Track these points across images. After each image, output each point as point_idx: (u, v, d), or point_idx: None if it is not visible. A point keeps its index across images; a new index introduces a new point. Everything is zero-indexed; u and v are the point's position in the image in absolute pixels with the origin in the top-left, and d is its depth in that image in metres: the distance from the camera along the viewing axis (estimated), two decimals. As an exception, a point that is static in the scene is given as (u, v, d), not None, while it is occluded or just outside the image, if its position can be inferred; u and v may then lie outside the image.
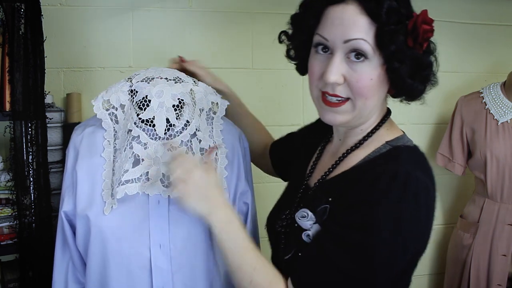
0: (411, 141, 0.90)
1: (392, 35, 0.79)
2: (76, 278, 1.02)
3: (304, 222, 0.88)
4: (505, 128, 1.86)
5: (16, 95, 1.37)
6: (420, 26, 0.80)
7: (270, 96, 1.95)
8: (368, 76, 0.82)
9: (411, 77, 0.84)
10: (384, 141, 0.89)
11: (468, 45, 2.16)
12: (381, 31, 0.80)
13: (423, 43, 0.81)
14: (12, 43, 1.36)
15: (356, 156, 0.90)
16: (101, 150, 0.99)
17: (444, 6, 2.08)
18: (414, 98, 0.89)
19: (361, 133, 0.92)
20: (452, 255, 1.99)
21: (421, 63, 0.83)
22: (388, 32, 0.79)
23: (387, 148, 0.87)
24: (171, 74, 1.02)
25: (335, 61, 0.82)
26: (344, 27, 0.81)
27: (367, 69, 0.82)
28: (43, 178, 1.41)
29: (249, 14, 1.90)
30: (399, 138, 0.90)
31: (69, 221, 0.99)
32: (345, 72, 0.82)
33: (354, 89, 0.83)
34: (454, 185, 2.27)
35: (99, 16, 1.75)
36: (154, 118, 0.97)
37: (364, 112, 0.87)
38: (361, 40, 0.80)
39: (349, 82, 0.83)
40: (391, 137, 0.90)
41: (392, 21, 0.80)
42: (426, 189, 0.80)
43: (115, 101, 1.00)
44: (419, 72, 0.84)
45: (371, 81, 0.82)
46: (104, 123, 0.99)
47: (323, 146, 1.02)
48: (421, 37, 0.80)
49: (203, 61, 1.86)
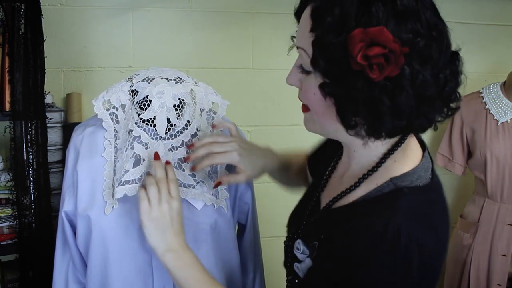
0: (426, 177, 0.74)
1: (325, 50, 0.64)
2: (77, 278, 1.02)
3: (298, 254, 0.84)
4: (505, 128, 1.86)
5: (16, 95, 1.37)
6: (356, 45, 0.61)
7: (270, 96, 1.96)
8: (311, 90, 0.71)
9: (353, 112, 0.66)
10: (389, 178, 0.73)
11: (468, 45, 2.16)
12: (316, 41, 0.65)
13: (374, 70, 0.61)
14: (12, 43, 1.36)
15: (359, 189, 0.77)
16: (102, 150, 0.99)
17: (444, 6, 2.08)
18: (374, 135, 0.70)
19: (365, 163, 0.77)
20: (452, 255, 1.99)
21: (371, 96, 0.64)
22: (321, 44, 0.65)
23: (390, 187, 0.72)
24: (171, 74, 1.01)
25: (293, 66, 0.75)
26: (298, 32, 0.72)
27: (310, 82, 0.71)
28: (43, 178, 1.41)
29: (249, 14, 1.90)
30: (407, 174, 0.73)
31: (69, 221, 0.99)
32: (302, 78, 0.74)
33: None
34: (454, 185, 2.27)
35: (99, 16, 1.75)
36: (155, 118, 0.97)
37: (328, 131, 0.76)
38: (301, 49, 0.71)
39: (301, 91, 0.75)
40: (398, 173, 0.73)
41: (331, 28, 0.63)
42: (421, 247, 0.66)
43: (115, 101, 1.00)
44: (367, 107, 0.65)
45: (314, 96, 0.70)
46: (105, 123, 0.99)
47: (335, 161, 0.91)
48: (360, 59, 0.61)
49: (203, 61, 1.87)
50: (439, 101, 0.68)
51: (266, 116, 1.98)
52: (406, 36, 0.62)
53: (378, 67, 0.61)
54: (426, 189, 0.73)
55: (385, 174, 0.74)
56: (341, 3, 0.63)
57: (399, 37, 0.61)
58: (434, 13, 0.66)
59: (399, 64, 0.61)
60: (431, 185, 0.74)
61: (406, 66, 0.62)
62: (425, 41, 0.63)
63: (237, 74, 1.92)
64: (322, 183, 0.89)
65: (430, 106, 0.67)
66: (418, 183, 0.73)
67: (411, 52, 0.62)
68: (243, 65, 1.92)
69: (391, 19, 0.62)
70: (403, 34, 0.62)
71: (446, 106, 0.70)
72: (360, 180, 0.77)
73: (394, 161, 0.75)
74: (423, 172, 0.74)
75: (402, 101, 0.64)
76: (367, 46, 0.61)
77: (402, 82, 0.63)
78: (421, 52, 0.63)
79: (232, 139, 0.97)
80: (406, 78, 0.63)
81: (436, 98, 0.67)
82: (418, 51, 0.63)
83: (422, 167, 0.74)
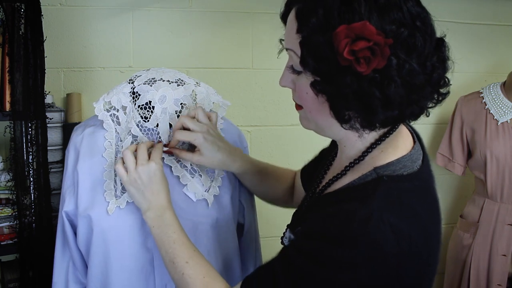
0: (412, 167, 0.75)
1: (313, 49, 0.66)
2: (77, 278, 1.02)
3: (286, 242, 0.86)
4: (505, 128, 1.86)
5: (16, 95, 1.37)
6: (342, 41, 0.63)
7: (270, 96, 1.96)
8: (303, 89, 0.73)
9: (346, 106, 0.68)
10: (373, 167, 0.74)
11: (468, 45, 2.16)
12: (303, 41, 0.68)
13: (362, 63, 0.63)
14: (12, 43, 1.36)
15: (343, 179, 0.80)
16: (103, 150, 0.99)
17: (444, 6, 2.09)
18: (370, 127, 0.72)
19: (354, 153, 0.79)
20: (452, 255, 1.99)
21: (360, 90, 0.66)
22: (308, 44, 0.67)
23: (372, 176, 0.74)
24: (172, 76, 1.02)
25: (284, 68, 0.76)
26: (285, 34, 0.74)
27: (302, 81, 0.73)
28: (43, 178, 1.41)
29: (249, 14, 1.90)
30: (391, 164, 0.74)
31: (70, 221, 0.99)
32: (294, 79, 0.76)
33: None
34: (454, 185, 2.27)
35: (99, 16, 1.75)
36: (158, 125, 0.99)
37: (322, 128, 0.77)
38: (290, 50, 0.73)
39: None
40: (382, 162, 0.74)
41: (317, 27, 0.65)
42: (398, 234, 0.66)
43: (116, 103, 1.00)
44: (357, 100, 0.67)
45: (307, 95, 0.73)
46: (106, 124, 1.00)
47: (330, 160, 0.93)
48: (347, 54, 0.63)
49: (203, 61, 1.87)
50: (428, 88, 0.69)
51: (266, 116, 1.98)
52: (390, 28, 0.63)
53: (365, 60, 0.63)
54: (410, 178, 0.73)
55: (371, 163, 0.75)
56: (324, 3, 0.65)
57: (383, 29, 0.63)
58: (416, 3, 0.67)
59: (385, 56, 0.63)
60: (417, 175, 0.74)
61: (392, 57, 0.64)
62: (408, 31, 0.64)
63: (237, 74, 1.92)
64: (317, 181, 0.91)
65: (420, 94, 0.68)
66: (402, 172, 0.74)
67: (395, 43, 0.64)
68: (243, 65, 1.92)
69: (373, 12, 0.63)
70: (387, 26, 0.63)
71: (436, 93, 0.72)
72: (346, 168, 0.79)
73: (381, 151, 0.76)
74: (409, 162, 0.75)
75: (392, 92, 0.65)
76: (352, 41, 0.62)
77: (390, 73, 0.64)
78: (406, 42, 0.64)
79: (207, 124, 0.98)
80: (393, 69, 0.64)
81: (425, 85, 0.68)
82: (402, 41, 0.64)
83: (410, 157, 0.75)
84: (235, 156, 1.03)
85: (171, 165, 0.99)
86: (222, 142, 1.01)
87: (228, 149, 1.01)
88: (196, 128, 0.96)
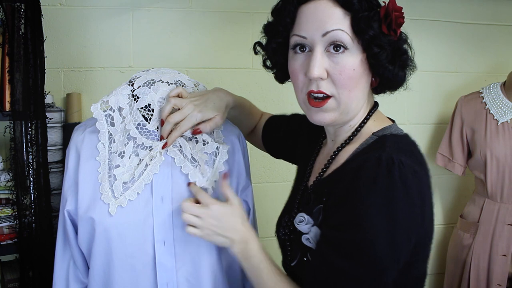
0: (401, 130, 0.90)
1: (367, 21, 0.82)
2: (77, 277, 1.02)
3: (303, 226, 0.88)
4: (505, 128, 1.86)
5: (16, 95, 1.37)
6: (392, 13, 0.82)
7: (270, 96, 1.96)
8: (351, 67, 0.83)
9: (391, 63, 0.85)
10: (371, 133, 0.89)
11: (468, 45, 2.16)
12: (356, 18, 0.82)
13: (397, 30, 0.84)
14: (12, 43, 1.36)
15: (346, 152, 0.90)
16: (98, 153, 1.00)
17: (444, 6, 2.09)
18: (397, 86, 0.90)
19: (350, 129, 0.92)
20: (452, 255, 1.99)
21: (398, 48, 0.86)
22: (363, 19, 0.82)
23: (373, 138, 0.87)
24: (172, 77, 1.03)
25: (316, 56, 0.83)
26: (320, 21, 0.82)
27: (348, 60, 0.83)
28: (43, 178, 1.41)
29: (249, 14, 1.90)
30: (386, 128, 0.90)
31: (72, 220, 0.99)
32: (327, 66, 0.83)
33: (337, 82, 0.83)
34: (454, 185, 2.27)
35: (99, 16, 1.75)
36: (158, 128, 0.99)
37: (350, 106, 0.87)
38: (338, 30, 0.82)
39: (332, 75, 0.83)
40: (377, 128, 0.90)
41: (365, 8, 0.82)
42: (414, 173, 0.77)
43: (113, 103, 1.01)
44: (398, 57, 0.86)
45: (354, 71, 0.83)
46: (99, 123, 1.00)
47: (318, 149, 1.03)
48: (394, 23, 0.82)
49: (203, 61, 1.86)
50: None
51: (266, 116, 1.98)
52: None
53: (398, 26, 0.84)
54: (405, 136, 0.88)
55: (368, 131, 0.90)
56: None
57: None
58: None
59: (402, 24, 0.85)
60: (408, 135, 0.89)
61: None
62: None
63: (237, 74, 1.92)
64: (306, 174, 0.98)
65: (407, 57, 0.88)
66: (397, 132, 0.89)
67: None
68: (243, 65, 1.92)
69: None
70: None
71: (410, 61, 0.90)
72: (350, 137, 0.91)
73: (374, 120, 0.92)
74: (398, 129, 0.91)
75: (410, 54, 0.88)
76: (392, 13, 0.82)
77: (402, 37, 0.87)
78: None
79: (185, 101, 0.99)
80: (402, 35, 0.87)
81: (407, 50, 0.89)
82: None
83: (396, 126, 0.92)
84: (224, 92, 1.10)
85: (174, 157, 1.00)
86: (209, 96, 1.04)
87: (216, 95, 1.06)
88: (186, 112, 0.98)
